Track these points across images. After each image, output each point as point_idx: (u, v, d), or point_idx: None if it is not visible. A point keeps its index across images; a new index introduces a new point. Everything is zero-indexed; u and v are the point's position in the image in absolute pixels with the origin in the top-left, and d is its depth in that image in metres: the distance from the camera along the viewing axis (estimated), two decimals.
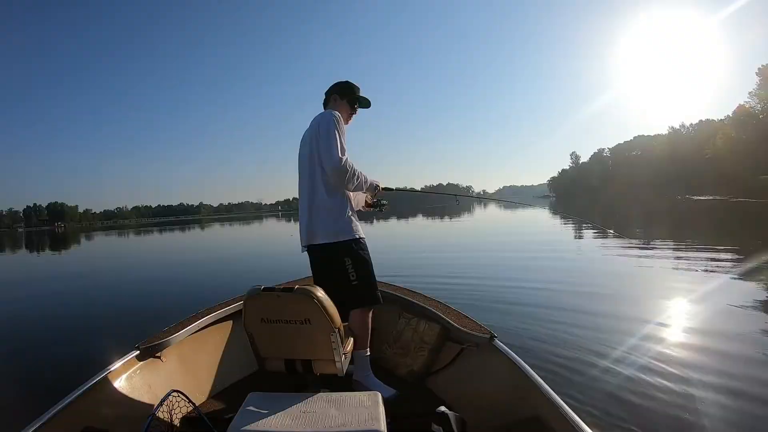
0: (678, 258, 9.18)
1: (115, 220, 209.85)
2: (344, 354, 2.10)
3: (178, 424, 1.94)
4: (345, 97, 2.72)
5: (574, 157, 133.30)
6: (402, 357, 2.86)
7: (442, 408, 1.77)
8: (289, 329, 2.01)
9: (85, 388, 1.96)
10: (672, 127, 76.78)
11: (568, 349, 4.13)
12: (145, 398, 2.17)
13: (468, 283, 7.61)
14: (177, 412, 1.95)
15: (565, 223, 21.16)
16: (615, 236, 13.07)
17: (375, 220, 29.66)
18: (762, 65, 43.19)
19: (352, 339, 2.37)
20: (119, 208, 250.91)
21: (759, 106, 44.36)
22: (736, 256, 8.91)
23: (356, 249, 2.52)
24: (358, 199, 2.82)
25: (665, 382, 3.34)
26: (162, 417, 1.83)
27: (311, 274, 2.71)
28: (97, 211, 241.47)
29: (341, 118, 2.52)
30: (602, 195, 79.59)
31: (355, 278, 2.49)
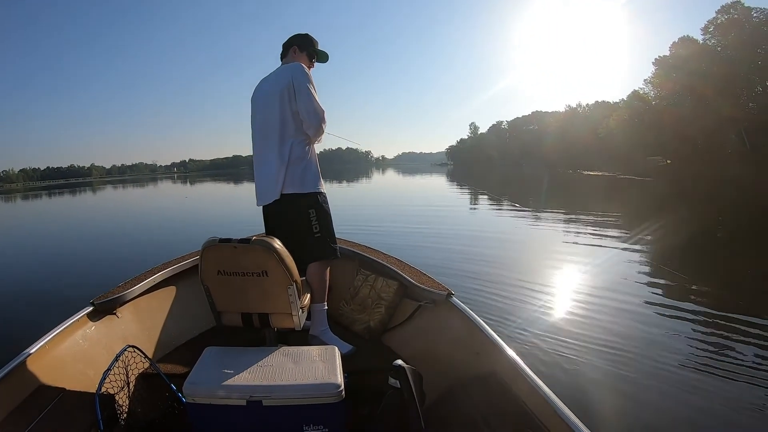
0: (567, 223, 11.10)
1: (1, 185, 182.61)
2: (301, 308, 2.08)
3: (134, 380, 1.96)
4: (304, 50, 2.69)
5: (473, 127, 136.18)
6: (359, 313, 2.83)
7: (399, 361, 1.74)
8: (245, 282, 1.97)
9: (38, 346, 1.88)
10: (569, 106, 79.16)
11: (521, 307, 4.66)
12: (101, 355, 2.09)
13: (425, 241, 8.56)
14: (133, 367, 1.96)
15: (461, 191, 24.23)
16: (511, 205, 14.71)
17: None
18: (660, 55, 45.19)
19: (309, 293, 2.38)
20: (5, 171, 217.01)
21: (653, 93, 46.72)
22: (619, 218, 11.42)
23: (320, 202, 2.55)
24: None
25: (607, 334, 3.90)
26: (118, 373, 1.83)
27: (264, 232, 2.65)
28: None
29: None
30: (498, 165, 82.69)
31: (318, 230, 2.50)
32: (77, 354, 2.07)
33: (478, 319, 2.15)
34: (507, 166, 76.17)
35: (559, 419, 1.42)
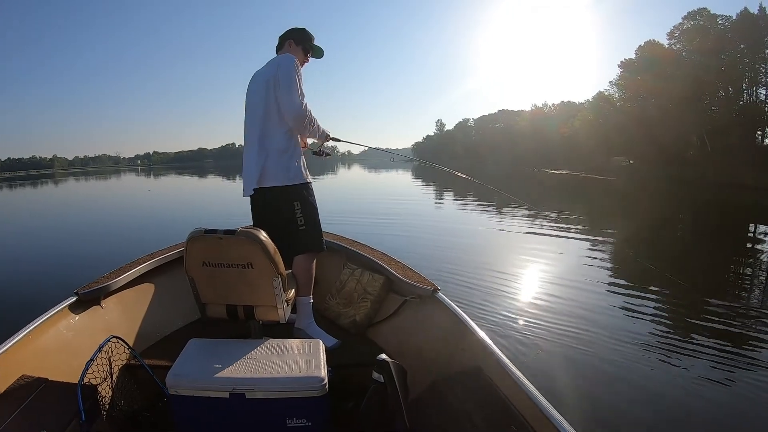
0: (539, 219, 11.27)
1: None
2: (286, 300, 2.07)
3: (118, 371, 1.95)
4: (300, 44, 2.69)
5: (440, 124, 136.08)
6: (345, 307, 2.81)
7: (383, 356, 1.72)
8: (230, 273, 1.96)
9: (21, 335, 1.87)
10: (535, 105, 79.81)
11: (505, 301, 4.84)
12: (85, 345, 2.02)
13: (410, 235, 8.79)
14: (116, 359, 1.96)
15: (434, 186, 24.83)
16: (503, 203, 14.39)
17: None
18: (625, 58, 45.90)
19: (294, 286, 2.39)
20: None
21: (617, 95, 47.48)
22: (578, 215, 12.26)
23: (305, 194, 2.53)
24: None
25: (586, 333, 4.01)
26: (101, 364, 1.83)
27: (252, 223, 2.61)
28: None
29: (299, 64, 2.51)
30: (464, 162, 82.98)
31: (303, 223, 2.49)
32: (60, 344, 2.04)
33: (464, 314, 2.14)
34: (473, 162, 76.77)
35: (542, 415, 1.40)
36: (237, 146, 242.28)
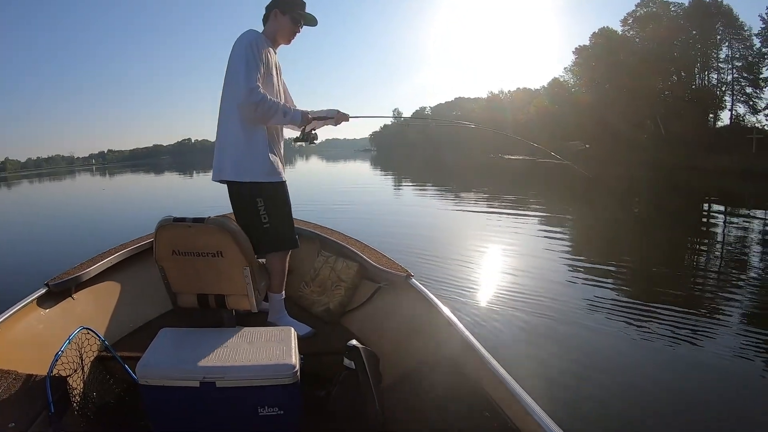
0: (504, 205, 11.14)
1: None
2: (258, 290, 2.05)
3: (89, 363, 1.91)
4: (288, 13, 2.36)
5: (396, 113, 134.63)
6: (319, 295, 2.76)
7: (353, 341, 1.71)
8: (200, 262, 1.94)
9: None
10: (491, 92, 79.97)
11: (476, 286, 4.81)
12: (56, 337, 1.94)
13: (385, 224, 8.67)
14: (87, 350, 1.92)
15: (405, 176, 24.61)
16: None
17: None
18: (579, 45, 46.36)
19: (267, 278, 2.34)
20: None
21: (572, 80, 48.07)
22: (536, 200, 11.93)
23: (271, 191, 2.32)
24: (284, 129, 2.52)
25: (559, 316, 3.91)
26: (71, 355, 1.79)
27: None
28: None
29: (260, 41, 2.21)
30: (421, 150, 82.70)
31: (267, 221, 2.31)
32: (31, 336, 2.00)
33: (436, 300, 2.10)
34: (430, 150, 76.67)
35: (515, 401, 1.40)
36: (193, 141, 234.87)
